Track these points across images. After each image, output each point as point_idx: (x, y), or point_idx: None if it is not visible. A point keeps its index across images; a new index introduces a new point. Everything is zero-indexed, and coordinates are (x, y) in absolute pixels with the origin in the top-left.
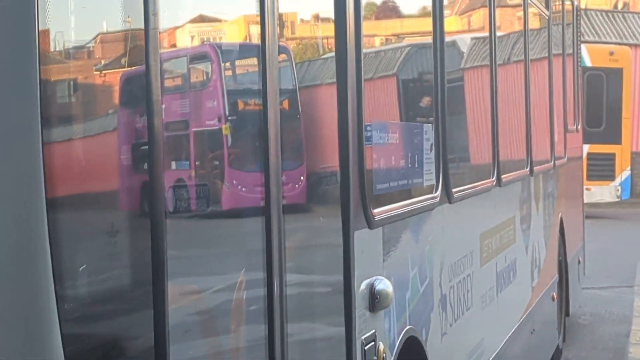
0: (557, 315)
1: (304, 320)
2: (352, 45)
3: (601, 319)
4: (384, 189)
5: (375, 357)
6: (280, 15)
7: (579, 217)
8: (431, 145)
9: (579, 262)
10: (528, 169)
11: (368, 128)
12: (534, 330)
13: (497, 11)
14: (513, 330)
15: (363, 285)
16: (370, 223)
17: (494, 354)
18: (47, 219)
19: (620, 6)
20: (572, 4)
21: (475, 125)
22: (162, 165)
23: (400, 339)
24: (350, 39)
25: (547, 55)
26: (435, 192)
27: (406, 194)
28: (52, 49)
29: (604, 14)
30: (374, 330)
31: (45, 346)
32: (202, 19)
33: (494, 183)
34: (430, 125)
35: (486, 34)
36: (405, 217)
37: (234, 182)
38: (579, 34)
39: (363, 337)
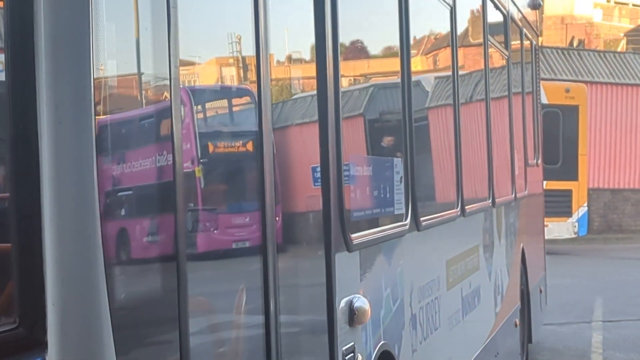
0: (519, 341)
1: (295, 332)
2: (332, 86)
3: (560, 354)
4: (360, 216)
5: None
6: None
7: (540, 248)
8: (401, 177)
9: (541, 291)
10: (490, 200)
11: (346, 163)
12: (497, 353)
13: (459, 51)
14: (478, 352)
15: (343, 303)
16: (348, 246)
17: None
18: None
19: (575, 44)
20: (531, 44)
21: (440, 160)
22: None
23: (375, 352)
24: (329, 79)
25: (507, 93)
26: (405, 220)
27: (379, 221)
28: None
29: (559, 51)
30: (353, 343)
31: (101, 346)
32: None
33: (459, 213)
34: (399, 159)
35: (449, 73)
36: (379, 242)
37: (207, 223)
38: (538, 72)
39: (344, 348)
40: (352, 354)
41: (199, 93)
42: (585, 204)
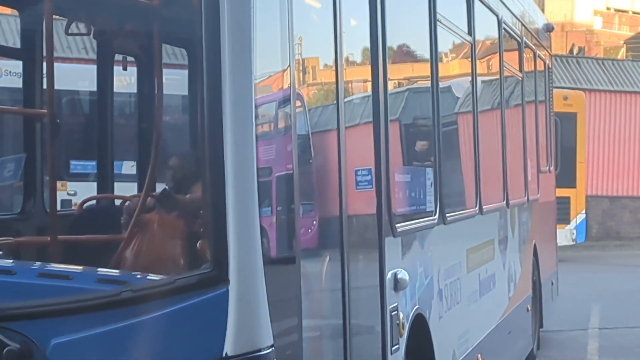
0: (531, 325)
1: (358, 293)
2: (383, 98)
3: None
4: (402, 210)
5: (397, 322)
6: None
7: (552, 246)
8: (431, 183)
9: (552, 284)
10: (505, 202)
11: (393, 172)
12: (510, 332)
13: (479, 76)
14: (492, 328)
15: (390, 274)
16: (394, 232)
17: (477, 342)
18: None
19: (575, 51)
20: (544, 63)
21: (462, 167)
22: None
23: (412, 313)
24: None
25: (521, 109)
26: (434, 215)
27: (415, 216)
28: None
29: (558, 59)
30: (396, 304)
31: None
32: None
33: (477, 211)
34: (430, 168)
35: (469, 93)
36: (415, 232)
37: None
38: (551, 88)
39: (390, 307)
40: (396, 312)
41: None
42: (584, 211)
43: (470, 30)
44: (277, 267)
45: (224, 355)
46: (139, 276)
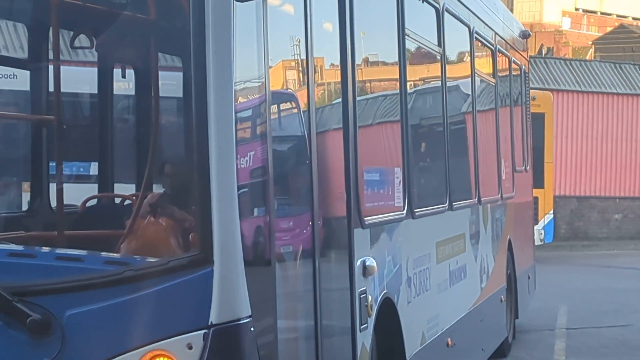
0: (506, 315)
1: (330, 277)
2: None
3: None
4: (370, 205)
5: (365, 304)
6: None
7: (529, 242)
8: (399, 181)
9: (529, 277)
10: (476, 199)
11: (361, 171)
12: (482, 320)
13: (447, 72)
14: (463, 315)
15: (359, 261)
16: (362, 224)
17: (447, 327)
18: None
19: (544, 52)
20: (520, 68)
21: (432, 167)
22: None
23: (380, 296)
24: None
25: (494, 112)
26: (402, 210)
27: (383, 210)
28: None
29: None
30: (365, 288)
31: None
32: None
33: (447, 207)
34: (399, 168)
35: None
36: (383, 224)
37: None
38: (527, 92)
39: (359, 290)
40: (365, 295)
41: None
42: (551, 212)
43: (440, 42)
44: (254, 252)
45: (209, 323)
46: (138, 259)
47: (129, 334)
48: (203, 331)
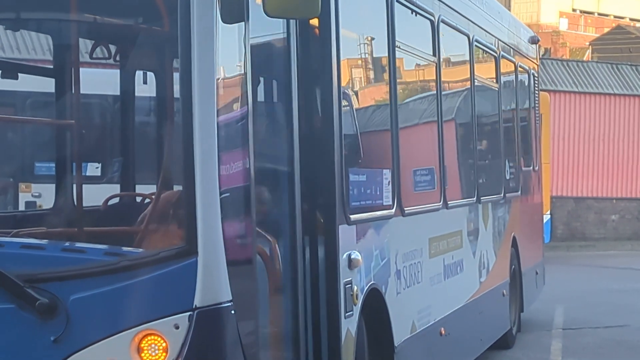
0: (509, 308)
1: (316, 270)
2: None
3: None
4: (356, 203)
5: (351, 293)
6: None
7: (537, 239)
8: (388, 182)
9: (537, 273)
10: (475, 198)
11: (349, 172)
12: (482, 312)
13: (442, 79)
14: (459, 307)
15: (344, 255)
16: (348, 221)
17: (440, 317)
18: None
19: (541, 52)
20: (528, 72)
21: (426, 170)
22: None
23: (367, 287)
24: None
25: (497, 115)
26: (392, 209)
27: (370, 208)
28: None
29: None
30: (351, 279)
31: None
32: None
33: (441, 206)
34: (388, 170)
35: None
36: (371, 221)
37: None
38: (536, 95)
39: (344, 281)
40: (350, 285)
41: None
42: (549, 212)
43: (435, 51)
44: (235, 245)
45: (194, 306)
46: (133, 250)
47: (124, 316)
48: (188, 313)
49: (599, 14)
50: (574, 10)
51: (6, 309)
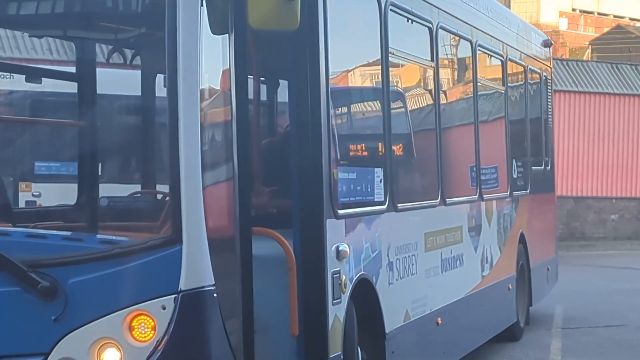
0: (515, 302)
1: (308, 259)
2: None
3: None
4: (345, 199)
5: (339, 282)
6: None
7: (549, 235)
8: (380, 180)
9: (548, 269)
10: (477, 195)
11: (338, 170)
12: (483, 304)
13: (441, 83)
14: (458, 298)
15: (333, 247)
16: (336, 215)
17: (437, 308)
18: None
19: None
20: (540, 75)
21: (423, 169)
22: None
23: (356, 277)
24: None
25: (503, 117)
26: (384, 205)
27: (361, 204)
28: None
29: None
30: (339, 269)
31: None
32: None
33: (439, 203)
34: (381, 169)
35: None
36: (360, 215)
37: None
38: (548, 98)
39: (332, 271)
40: (338, 275)
41: None
42: None
43: (433, 56)
44: (218, 235)
45: (179, 289)
46: (125, 239)
47: (117, 297)
48: (174, 295)
49: (599, 14)
50: (573, 10)
51: (12, 291)
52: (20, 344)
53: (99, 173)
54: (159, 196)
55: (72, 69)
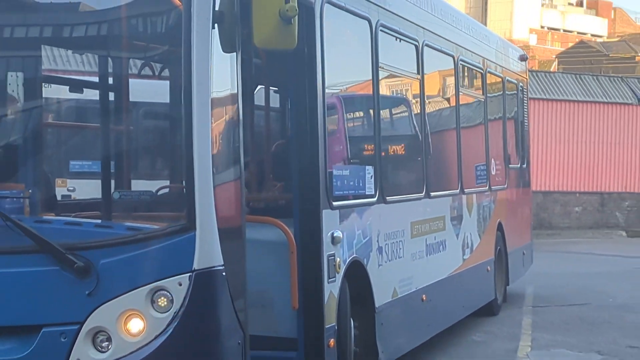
0: (494, 282)
1: (303, 245)
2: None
3: (494, 336)
4: (340, 193)
5: (334, 263)
6: None
7: (525, 224)
8: (371, 176)
9: (524, 253)
10: (459, 190)
11: (331, 168)
12: (464, 283)
13: (425, 92)
14: (441, 278)
15: (328, 233)
16: (331, 206)
17: (422, 286)
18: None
19: None
20: (516, 85)
21: (409, 168)
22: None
23: (349, 259)
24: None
25: (483, 121)
26: (374, 197)
27: (353, 196)
28: None
29: None
30: (334, 252)
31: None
32: None
33: (424, 196)
34: (371, 167)
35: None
36: (352, 207)
37: None
38: (524, 104)
39: (327, 254)
40: (333, 257)
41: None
42: None
43: (419, 70)
44: (227, 223)
45: (193, 269)
46: (148, 226)
47: (140, 275)
48: (189, 274)
49: (564, 31)
50: (542, 27)
51: (52, 270)
52: (60, 314)
53: (126, 171)
54: (176, 191)
55: (109, 80)
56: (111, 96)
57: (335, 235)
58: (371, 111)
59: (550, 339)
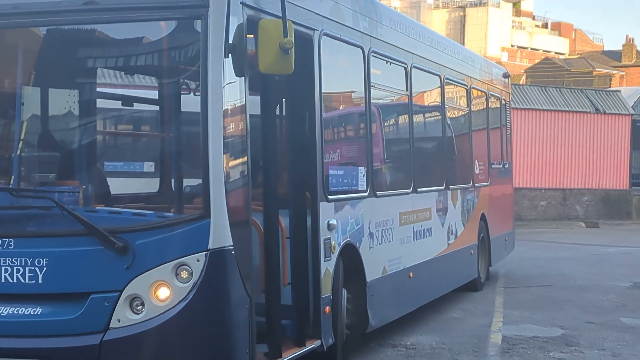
0: (477, 263)
1: (302, 230)
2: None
3: (470, 313)
4: (335, 188)
5: (329, 246)
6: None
7: (507, 215)
8: (363, 175)
9: (506, 240)
10: (444, 186)
11: (328, 168)
12: (448, 264)
13: (414, 105)
14: (427, 259)
15: (325, 221)
16: (327, 199)
17: (409, 265)
18: None
19: None
20: (499, 99)
21: (398, 168)
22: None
23: (343, 242)
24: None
25: (467, 130)
26: (365, 192)
27: (347, 192)
28: None
29: None
30: (329, 237)
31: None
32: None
33: (411, 191)
34: (364, 167)
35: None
36: (346, 200)
37: None
38: (506, 114)
39: (324, 238)
40: (329, 240)
41: None
42: None
43: (407, 87)
44: (236, 212)
45: (208, 248)
46: (173, 214)
47: (167, 253)
48: (205, 252)
49: (532, 49)
50: (512, 45)
51: (98, 249)
52: (103, 284)
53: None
54: (194, 186)
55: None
56: (145, 109)
57: (330, 222)
58: (364, 123)
59: (519, 315)
